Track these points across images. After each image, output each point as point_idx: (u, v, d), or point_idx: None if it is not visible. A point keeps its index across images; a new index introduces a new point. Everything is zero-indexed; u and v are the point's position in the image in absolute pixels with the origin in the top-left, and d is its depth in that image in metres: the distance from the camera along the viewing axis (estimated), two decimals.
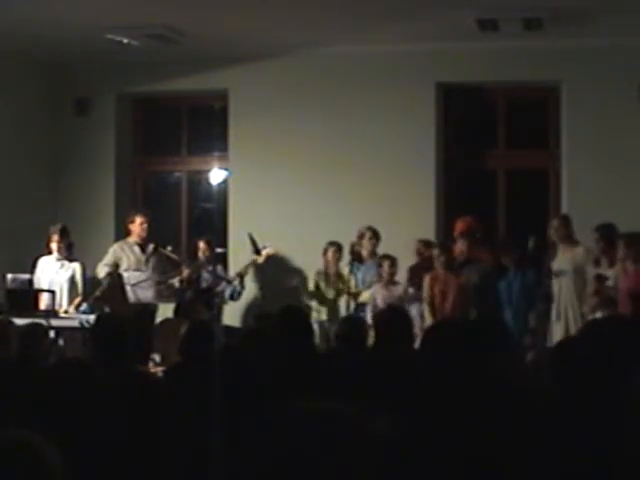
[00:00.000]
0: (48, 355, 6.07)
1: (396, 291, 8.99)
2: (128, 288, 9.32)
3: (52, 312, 8.67)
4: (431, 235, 9.76)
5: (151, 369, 7.22)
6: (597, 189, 9.65)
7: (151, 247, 9.63)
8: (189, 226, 11.19)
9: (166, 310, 9.45)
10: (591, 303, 8.30)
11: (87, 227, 10.49)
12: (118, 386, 4.37)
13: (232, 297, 9.72)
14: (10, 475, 2.08)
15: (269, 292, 10.12)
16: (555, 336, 8.46)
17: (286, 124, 10.37)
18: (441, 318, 8.48)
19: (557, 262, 8.77)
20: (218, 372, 3.74)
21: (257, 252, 9.48)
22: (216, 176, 11.06)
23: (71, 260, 9.43)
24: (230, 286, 9.62)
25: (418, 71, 10.09)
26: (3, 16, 8.72)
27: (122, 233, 10.27)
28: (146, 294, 9.41)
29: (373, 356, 5.59)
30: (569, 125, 9.93)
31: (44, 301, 8.96)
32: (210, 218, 11.19)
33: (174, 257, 9.64)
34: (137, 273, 9.48)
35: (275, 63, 10.40)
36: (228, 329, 8.45)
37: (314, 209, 10.22)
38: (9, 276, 9.17)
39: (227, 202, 10.73)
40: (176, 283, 9.61)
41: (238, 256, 10.12)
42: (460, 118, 10.56)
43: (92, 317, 7.74)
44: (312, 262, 9.63)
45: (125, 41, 9.51)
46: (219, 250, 10.20)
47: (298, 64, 10.35)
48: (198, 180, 11.35)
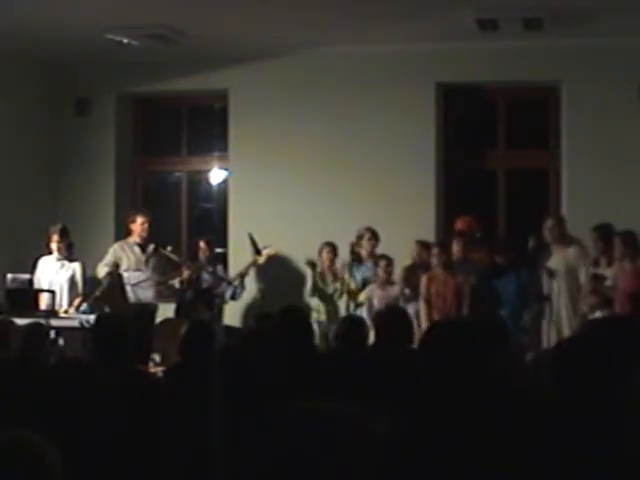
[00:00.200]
0: (48, 355, 6.08)
1: (392, 291, 8.99)
2: (128, 288, 9.32)
3: (52, 312, 8.68)
4: (431, 235, 9.76)
5: (151, 369, 7.22)
6: (597, 189, 9.65)
7: (152, 247, 9.63)
8: (189, 226, 11.19)
9: (166, 310, 9.45)
10: (589, 303, 8.31)
11: (87, 227, 10.49)
12: (118, 386, 4.37)
13: (233, 297, 9.72)
14: (10, 475, 2.08)
15: (269, 292, 10.12)
16: (547, 336, 8.47)
17: (286, 124, 10.37)
18: (437, 318, 8.50)
19: (551, 262, 8.78)
20: (218, 372, 3.74)
21: (257, 252, 9.48)
22: (216, 176, 11.05)
23: (71, 260, 9.42)
24: (231, 287, 9.62)
25: (418, 71, 10.09)
26: (3, 16, 8.72)
27: (122, 233, 10.27)
28: (146, 294, 9.42)
29: (373, 356, 5.59)
30: (569, 125, 9.93)
31: (44, 301, 8.97)
32: (210, 218, 11.19)
33: (174, 258, 9.64)
34: (137, 273, 9.48)
35: (275, 63, 10.40)
36: (228, 329, 8.45)
37: (314, 209, 10.22)
38: (9, 276, 9.18)
39: (227, 202, 10.73)
40: (176, 284, 9.61)
41: (238, 256, 10.12)
42: (460, 118, 10.56)
43: (92, 317, 7.74)
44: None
45: (125, 41, 9.51)
46: (219, 250, 10.21)
47: (298, 64, 10.35)
48: (198, 180, 11.35)
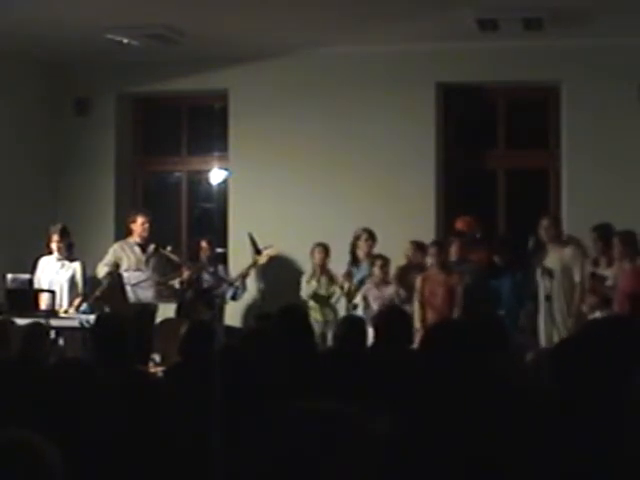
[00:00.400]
0: (48, 355, 6.08)
1: (387, 291, 8.96)
2: (128, 288, 9.31)
3: (52, 312, 8.67)
4: (431, 235, 9.75)
5: (151, 369, 7.22)
6: (597, 189, 9.64)
7: (152, 248, 9.62)
8: (189, 226, 11.18)
9: (166, 310, 9.45)
10: (589, 302, 8.30)
11: (87, 227, 10.49)
12: (118, 386, 4.37)
13: (234, 297, 9.72)
14: (10, 475, 2.08)
15: (269, 292, 10.12)
16: (546, 336, 8.47)
17: (286, 124, 10.37)
18: (430, 318, 8.49)
19: (547, 262, 8.78)
20: (218, 372, 3.74)
21: (257, 252, 9.48)
22: (216, 176, 11.05)
23: (71, 260, 9.42)
24: (232, 287, 9.62)
25: (418, 71, 10.09)
26: (3, 16, 8.72)
27: (122, 233, 10.27)
28: (146, 294, 9.41)
29: (373, 356, 5.59)
30: (569, 125, 9.93)
31: (44, 301, 8.96)
32: (210, 218, 11.18)
33: (174, 258, 9.64)
34: (137, 273, 9.48)
35: (275, 63, 10.40)
36: (228, 329, 8.45)
37: (314, 209, 10.22)
38: (9, 276, 9.17)
39: (227, 202, 10.73)
40: (176, 284, 9.61)
41: (238, 256, 10.12)
42: (460, 118, 10.56)
43: (92, 317, 7.74)
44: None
45: (125, 41, 9.51)
46: (219, 250, 10.20)
47: (298, 64, 10.34)
48: (198, 180, 11.35)
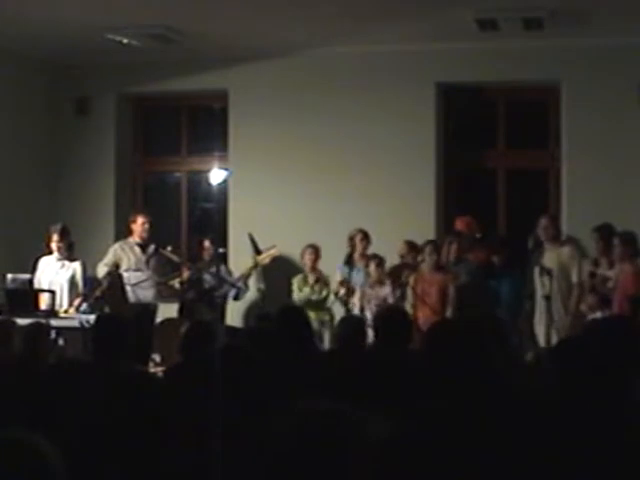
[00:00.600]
0: (48, 355, 6.07)
1: (382, 291, 8.94)
2: (128, 288, 9.31)
3: (52, 312, 8.67)
4: (431, 235, 9.75)
5: (151, 369, 7.22)
6: (597, 189, 9.64)
7: (152, 248, 9.62)
8: (189, 226, 11.19)
9: (166, 310, 9.45)
10: (588, 302, 8.30)
11: (87, 227, 10.49)
12: (118, 386, 4.37)
13: (236, 298, 9.72)
14: (10, 475, 2.08)
15: (269, 292, 10.11)
16: (545, 335, 8.47)
17: (286, 124, 10.37)
18: (422, 318, 8.47)
19: (545, 261, 8.78)
20: (218, 372, 3.74)
21: (257, 252, 9.48)
22: (216, 176, 11.04)
23: (71, 260, 9.41)
24: (234, 288, 9.62)
25: (418, 71, 10.09)
26: (3, 16, 8.72)
27: (122, 233, 10.27)
28: (146, 294, 9.40)
29: (373, 356, 5.58)
30: (569, 125, 9.93)
31: (44, 301, 8.95)
32: (210, 218, 11.18)
33: (174, 258, 9.64)
34: (137, 273, 9.47)
35: (275, 63, 10.40)
36: (229, 329, 8.45)
37: (314, 209, 10.22)
38: (9, 276, 9.17)
39: (227, 202, 10.73)
40: (176, 284, 9.60)
41: (238, 256, 10.12)
42: (460, 118, 10.56)
43: (92, 317, 7.73)
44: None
45: (125, 41, 9.51)
46: (221, 250, 10.19)
47: (298, 64, 10.34)
48: (198, 180, 11.35)
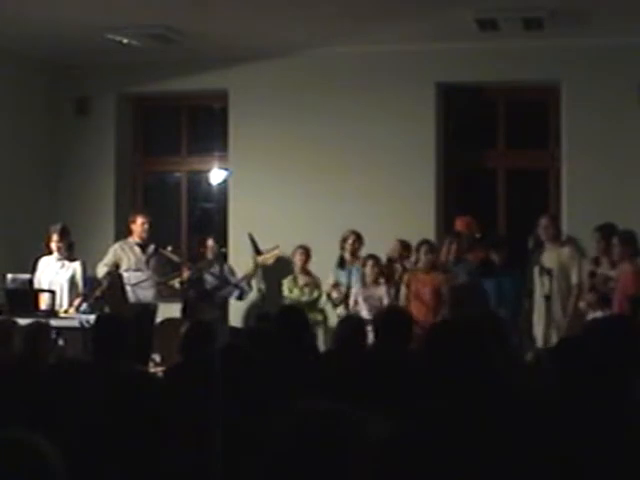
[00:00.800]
0: (48, 355, 6.07)
1: (378, 292, 8.92)
2: (128, 288, 9.31)
3: (52, 312, 8.67)
4: (431, 235, 9.75)
5: (151, 369, 7.22)
6: (597, 189, 9.64)
7: (152, 248, 9.61)
8: (189, 226, 11.19)
9: (166, 310, 9.45)
10: (587, 300, 8.30)
11: (87, 227, 10.49)
12: (118, 386, 4.37)
13: (240, 297, 9.72)
14: (10, 475, 2.08)
15: (269, 292, 10.12)
16: (545, 335, 8.47)
17: (286, 124, 10.37)
18: (416, 317, 8.44)
19: (544, 261, 8.78)
20: (218, 372, 3.74)
21: (257, 252, 9.48)
22: (216, 176, 11.05)
23: (71, 260, 9.41)
24: (237, 289, 9.62)
25: (418, 71, 10.09)
26: (3, 16, 8.72)
27: (122, 233, 10.27)
28: (146, 294, 9.40)
29: (373, 356, 5.58)
30: (569, 125, 9.93)
31: (44, 301, 8.95)
32: (210, 218, 11.19)
33: (175, 258, 9.64)
34: (137, 273, 9.47)
35: (275, 63, 10.40)
36: (233, 330, 8.44)
37: (314, 209, 10.22)
38: (9, 276, 9.16)
39: (227, 202, 10.73)
40: (176, 284, 9.60)
41: (238, 256, 10.12)
42: (460, 118, 10.56)
43: (92, 317, 7.73)
44: (312, 262, 9.65)
45: (125, 41, 9.51)
46: (223, 250, 10.20)
47: (298, 64, 10.34)
48: (198, 180, 11.35)
